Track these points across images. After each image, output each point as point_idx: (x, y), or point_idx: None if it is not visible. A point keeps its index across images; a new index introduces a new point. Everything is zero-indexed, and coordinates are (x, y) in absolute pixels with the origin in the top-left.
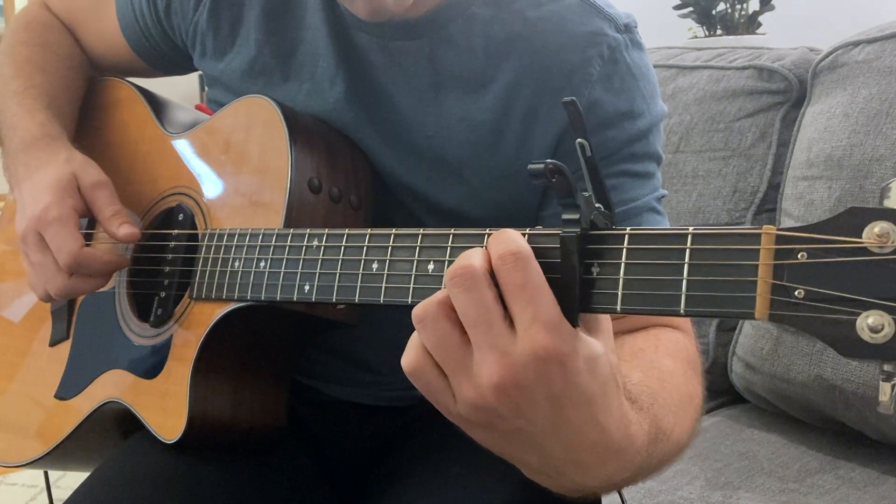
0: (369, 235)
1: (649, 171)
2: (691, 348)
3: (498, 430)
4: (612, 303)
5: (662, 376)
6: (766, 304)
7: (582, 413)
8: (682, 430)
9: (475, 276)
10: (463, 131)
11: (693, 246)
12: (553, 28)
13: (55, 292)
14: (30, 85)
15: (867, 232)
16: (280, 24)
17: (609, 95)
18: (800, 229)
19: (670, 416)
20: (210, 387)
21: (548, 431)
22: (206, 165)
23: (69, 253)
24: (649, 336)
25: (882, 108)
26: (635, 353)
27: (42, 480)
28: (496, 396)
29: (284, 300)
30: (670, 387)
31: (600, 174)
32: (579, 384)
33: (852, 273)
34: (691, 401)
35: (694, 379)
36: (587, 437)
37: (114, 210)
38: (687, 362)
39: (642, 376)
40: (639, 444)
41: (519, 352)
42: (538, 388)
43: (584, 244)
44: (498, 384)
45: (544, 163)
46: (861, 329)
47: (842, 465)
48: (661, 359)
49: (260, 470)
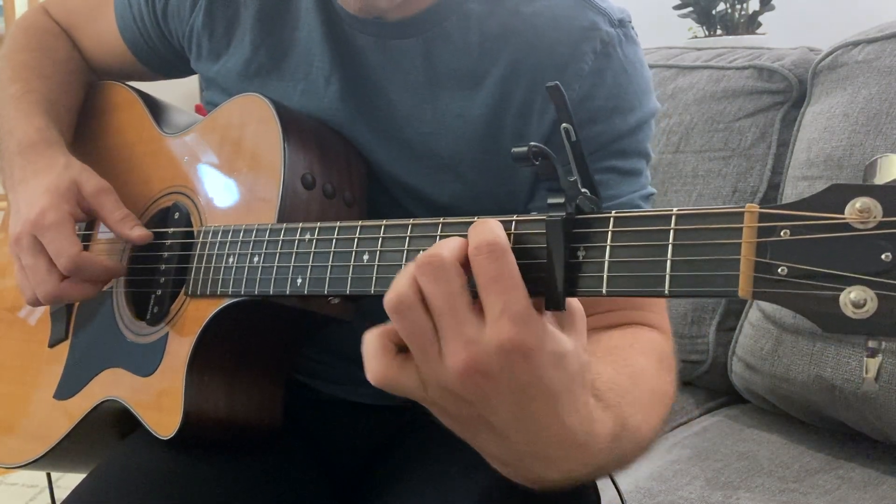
0: (360, 227)
1: (637, 169)
2: (667, 347)
3: (464, 416)
4: (598, 286)
5: (634, 374)
6: (750, 282)
7: (546, 408)
8: (649, 428)
9: (442, 265)
10: (459, 127)
11: (677, 227)
12: (546, 23)
13: (44, 296)
14: (28, 90)
15: (849, 208)
16: (275, 24)
17: (599, 90)
18: (782, 206)
19: (638, 415)
20: (205, 383)
21: (511, 422)
22: (201, 164)
23: (69, 257)
24: (626, 334)
25: (882, 108)
26: (610, 349)
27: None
28: (461, 383)
29: (277, 294)
30: (641, 385)
31: (586, 159)
32: (544, 378)
33: (835, 249)
34: (661, 399)
35: (666, 377)
36: (550, 431)
37: (123, 214)
38: (660, 360)
39: (613, 374)
40: (602, 442)
41: (486, 342)
42: (503, 378)
43: (570, 228)
44: (463, 371)
45: (528, 146)
46: (844, 304)
47: (842, 465)
48: (634, 357)
49: (259, 469)
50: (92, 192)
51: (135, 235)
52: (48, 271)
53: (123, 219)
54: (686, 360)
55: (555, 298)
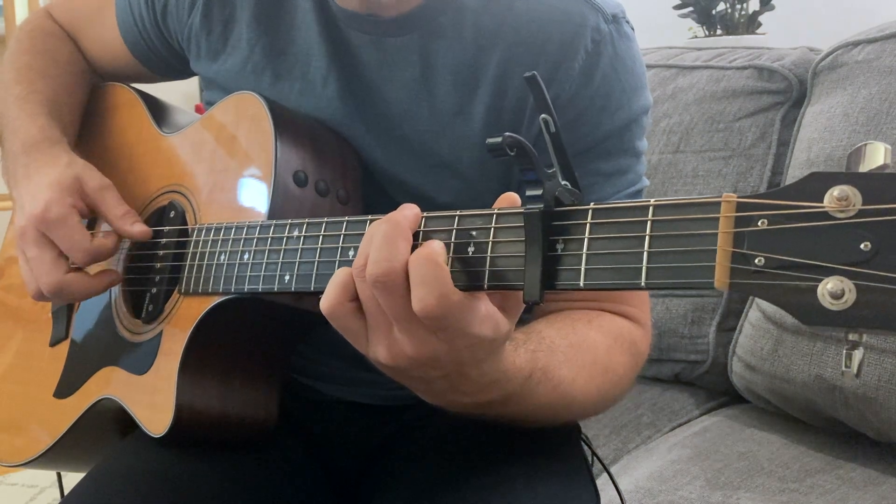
0: (346, 223)
1: (622, 168)
2: (633, 334)
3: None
4: (576, 279)
5: (577, 342)
6: (726, 273)
7: (467, 378)
8: (578, 389)
9: (396, 282)
10: (456, 124)
11: (654, 217)
12: (540, 18)
13: (48, 287)
14: (32, 91)
15: (828, 196)
16: (271, 24)
17: (587, 90)
18: (761, 196)
19: (564, 370)
20: (197, 381)
21: (437, 379)
22: (195, 162)
23: (85, 250)
24: (589, 314)
25: (882, 108)
26: (562, 317)
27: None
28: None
29: (266, 291)
30: (582, 352)
31: (566, 151)
32: (465, 365)
33: (813, 239)
34: (603, 372)
35: (619, 356)
36: (470, 379)
37: (124, 210)
38: (616, 340)
39: (552, 333)
40: (514, 377)
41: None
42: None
43: (548, 221)
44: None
45: (502, 136)
46: (822, 295)
47: (842, 465)
48: (585, 330)
49: (258, 469)
50: (94, 189)
51: (136, 231)
52: (53, 263)
53: (124, 215)
54: (686, 360)
55: (533, 292)
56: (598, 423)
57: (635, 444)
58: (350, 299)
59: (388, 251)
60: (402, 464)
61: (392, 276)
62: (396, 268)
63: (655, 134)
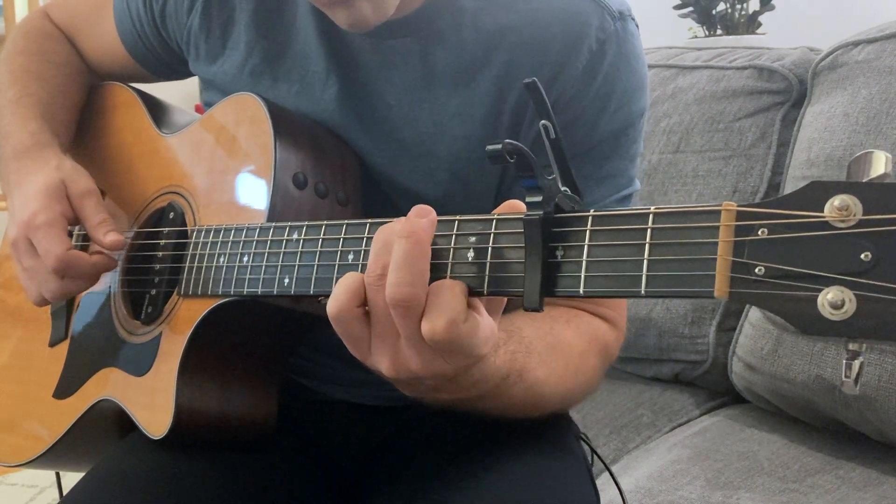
0: (346, 226)
1: (614, 171)
2: (607, 337)
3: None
4: (576, 286)
5: (555, 343)
6: (726, 282)
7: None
8: (549, 389)
9: (418, 308)
10: (457, 126)
11: (654, 225)
12: (543, 18)
13: (49, 295)
14: (25, 93)
15: (828, 206)
16: (270, 26)
17: (589, 90)
18: (761, 205)
19: (539, 372)
20: (197, 383)
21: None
22: (195, 163)
23: (56, 256)
24: (571, 313)
25: (882, 108)
26: (542, 315)
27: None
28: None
29: (265, 294)
30: (556, 354)
31: (566, 156)
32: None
33: (813, 248)
34: (576, 373)
35: (590, 358)
36: (456, 381)
37: (100, 219)
38: (590, 343)
39: (531, 333)
40: (491, 379)
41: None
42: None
43: (548, 227)
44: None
45: (502, 143)
46: (822, 305)
47: (842, 465)
48: (564, 331)
49: (258, 470)
50: (76, 195)
51: (107, 241)
52: (48, 271)
53: (99, 224)
54: (686, 360)
55: (532, 299)
56: (598, 423)
57: (635, 444)
58: (358, 305)
59: (411, 275)
60: (402, 464)
61: (415, 301)
62: (419, 294)
63: (655, 134)
